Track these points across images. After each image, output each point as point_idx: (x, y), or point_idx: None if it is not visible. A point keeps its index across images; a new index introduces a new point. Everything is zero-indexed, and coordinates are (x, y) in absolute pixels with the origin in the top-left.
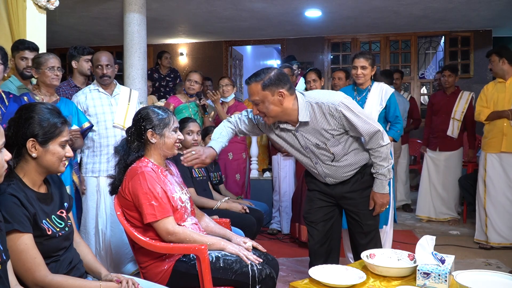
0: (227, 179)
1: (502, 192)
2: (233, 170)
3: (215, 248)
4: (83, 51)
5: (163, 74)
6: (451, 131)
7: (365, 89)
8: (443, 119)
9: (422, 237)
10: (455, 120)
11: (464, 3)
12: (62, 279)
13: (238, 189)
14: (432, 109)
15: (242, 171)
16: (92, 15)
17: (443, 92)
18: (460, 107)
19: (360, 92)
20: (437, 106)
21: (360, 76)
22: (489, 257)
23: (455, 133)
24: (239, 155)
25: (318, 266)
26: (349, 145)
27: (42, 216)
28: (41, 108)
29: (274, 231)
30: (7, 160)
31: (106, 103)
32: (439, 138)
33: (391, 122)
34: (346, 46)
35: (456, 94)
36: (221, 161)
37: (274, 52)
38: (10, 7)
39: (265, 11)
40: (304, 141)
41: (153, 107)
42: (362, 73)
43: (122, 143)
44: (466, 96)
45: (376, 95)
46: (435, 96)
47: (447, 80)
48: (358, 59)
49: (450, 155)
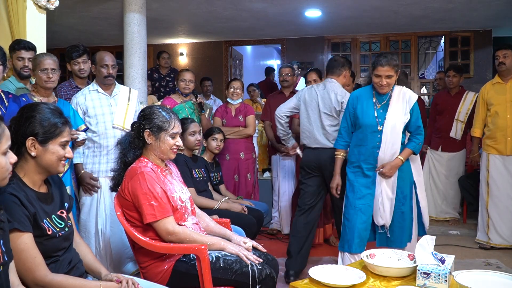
0: (239, 179)
1: (505, 193)
2: (245, 170)
3: (215, 248)
4: (72, 55)
5: (163, 74)
6: (454, 133)
7: (386, 94)
8: (447, 120)
9: (422, 237)
10: (458, 122)
11: (464, 3)
12: (62, 279)
13: (250, 189)
14: (437, 109)
15: (252, 171)
16: (92, 15)
17: (447, 92)
18: (464, 109)
19: (380, 98)
20: (441, 107)
21: (385, 86)
22: (489, 257)
23: (458, 134)
24: (249, 155)
25: (318, 266)
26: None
27: (43, 216)
28: (42, 107)
29: (274, 231)
30: (12, 163)
31: (105, 103)
32: (442, 139)
33: (412, 132)
34: (346, 46)
35: (461, 94)
36: (233, 161)
37: (274, 52)
38: (10, 7)
39: (265, 11)
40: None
41: (160, 108)
42: (387, 82)
43: (125, 136)
44: (470, 97)
45: (399, 103)
46: (439, 96)
47: (452, 81)
48: (382, 67)
49: (453, 156)
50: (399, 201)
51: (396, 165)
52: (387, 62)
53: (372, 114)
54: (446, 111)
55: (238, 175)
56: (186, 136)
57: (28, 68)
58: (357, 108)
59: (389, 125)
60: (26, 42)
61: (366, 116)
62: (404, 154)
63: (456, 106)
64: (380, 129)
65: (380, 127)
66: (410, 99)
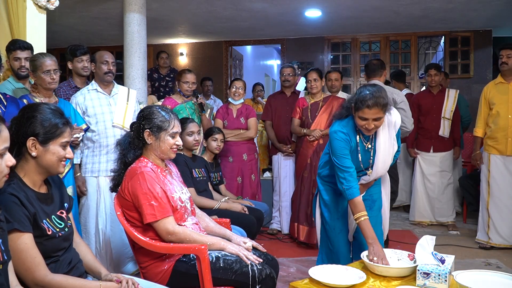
0: (243, 180)
1: (506, 193)
2: (249, 171)
3: (215, 248)
4: (75, 52)
5: (162, 74)
6: (443, 131)
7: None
8: (433, 119)
9: (422, 237)
10: (445, 119)
11: (464, 3)
12: (62, 279)
13: (254, 189)
14: (420, 110)
15: (256, 171)
16: (92, 15)
17: (429, 92)
18: (449, 106)
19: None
20: (426, 107)
21: (372, 130)
22: (489, 257)
23: (446, 132)
24: (252, 156)
25: (318, 266)
26: None
27: (42, 216)
28: (44, 108)
29: (274, 231)
30: (9, 165)
31: (105, 103)
32: (432, 139)
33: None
34: (346, 46)
35: (443, 92)
36: (236, 163)
37: (274, 52)
38: (10, 7)
39: (265, 11)
40: None
41: (159, 108)
42: (375, 125)
43: (125, 137)
44: (453, 94)
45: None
46: (421, 98)
47: (434, 79)
48: (369, 109)
49: (445, 155)
50: (366, 206)
51: (370, 185)
52: (375, 103)
53: (358, 161)
54: (432, 110)
55: (241, 176)
56: (184, 136)
57: (26, 68)
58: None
59: (381, 166)
60: (21, 41)
61: (355, 161)
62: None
63: (440, 104)
64: (366, 170)
65: (370, 171)
66: (396, 126)
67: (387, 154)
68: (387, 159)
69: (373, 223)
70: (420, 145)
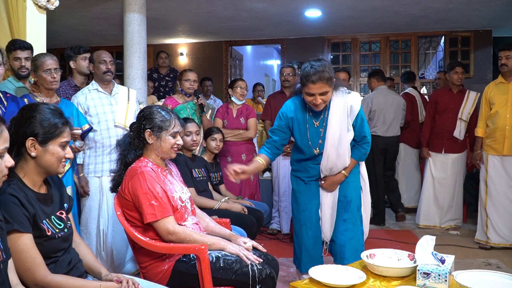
0: (242, 181)
1: (503, 193)
2: None
3: (215, 248)
4: (79, 50)
5: (162, 74)
6: (458, 133)
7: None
8: (449, 119)
9: (422, 237)
10: (462, 121)
11: (464, 3)
12: (62, 279)
13: (253, 190)
14: (437, 108)
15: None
16: (92, 15)
17: (450, 91)
18: (467, 108)
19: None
20: (443, 105)
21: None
22: (489, 257)
23: (462, 134)
24: (251, 156)
25: (318, 266)
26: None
27: (42, 217)
28: (43, 108)
29: (274, 231)
30: (8, 166)
31: (106, 102)
32: (445, 139)
33: (357, 141)
34: (346, 46)
35: (463, 93)
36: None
37: (274, 52)
38: (10, 7)
39: (265, 11)
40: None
41: (159, 107)
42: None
43: (124, 137)
44: (473, 96)
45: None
46: (440, 95)
47: (460, 77)
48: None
49: (457, 157)
50: (341, 207)
51: (339, 181)
52: (319, 78)
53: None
54: (448, 109)
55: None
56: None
57: (26, 68)
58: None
59: (331, 150)
60: (21, 41)
61: (303, 139)
62: (348, 168)
63: (458, 104)
64: (318, 153)
65: (317, 150)
66: (352, 110)
67: (338, 137)
68: (340, 144)
69: (351, 224)
70: (431, 145)
